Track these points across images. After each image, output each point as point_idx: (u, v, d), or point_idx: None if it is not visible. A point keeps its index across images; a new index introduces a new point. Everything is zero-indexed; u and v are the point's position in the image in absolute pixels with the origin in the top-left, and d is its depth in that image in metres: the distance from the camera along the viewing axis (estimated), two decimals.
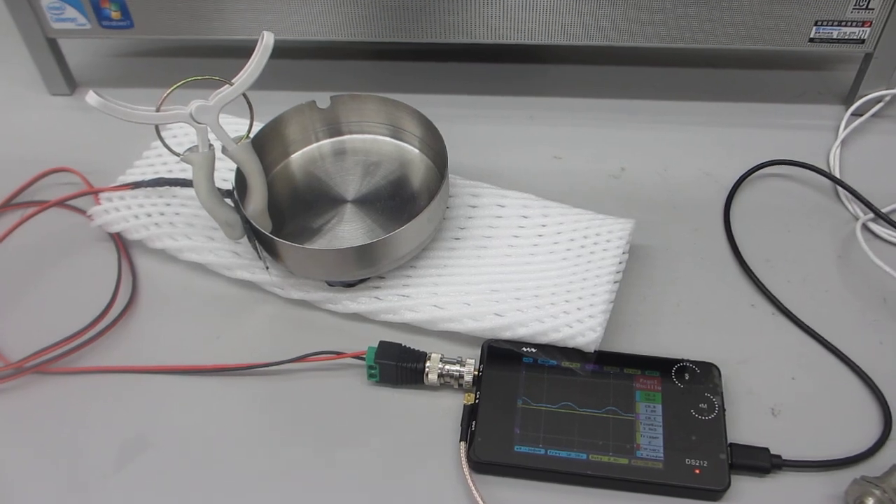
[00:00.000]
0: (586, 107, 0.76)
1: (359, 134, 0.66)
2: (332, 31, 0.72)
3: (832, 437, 0.51)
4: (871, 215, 0.63)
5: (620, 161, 0.70)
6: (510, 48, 0.82)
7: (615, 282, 0.57)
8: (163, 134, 0.56)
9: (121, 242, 0.64)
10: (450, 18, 0.69)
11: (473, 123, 0.74)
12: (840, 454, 0.50)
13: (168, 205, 0.63)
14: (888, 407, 0.53)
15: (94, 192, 0.65)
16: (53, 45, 0.76)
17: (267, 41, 0.54)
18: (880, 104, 0.73)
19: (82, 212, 0.66)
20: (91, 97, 0.51)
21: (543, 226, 0.61)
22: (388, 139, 0.66)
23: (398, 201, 0.61)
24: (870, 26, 0.67)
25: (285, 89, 0.76)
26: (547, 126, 0.74)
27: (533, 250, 0.59)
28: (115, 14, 0.72)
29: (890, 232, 0.63)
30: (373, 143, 0.66)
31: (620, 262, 0.58)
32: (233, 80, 0.54)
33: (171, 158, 0.67)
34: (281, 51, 0.57)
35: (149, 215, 0.63)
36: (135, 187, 0.64)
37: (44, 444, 0.52)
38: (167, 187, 0.64)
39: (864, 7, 0.65)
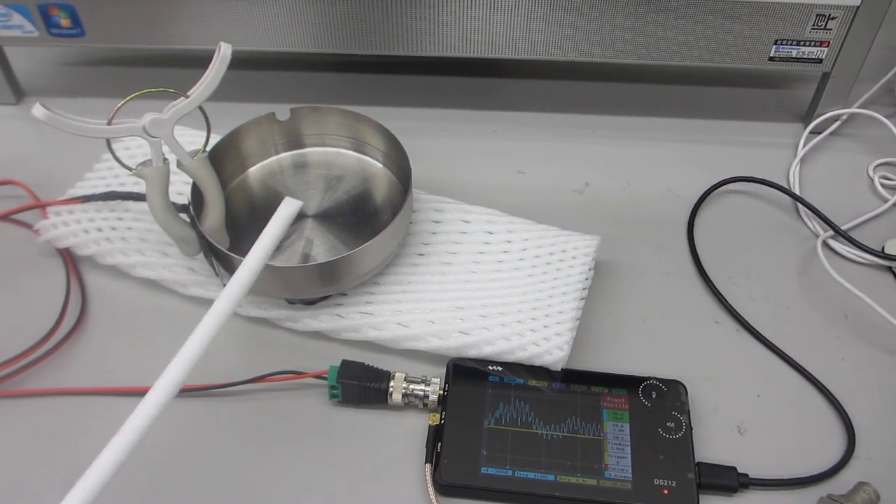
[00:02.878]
0: (550, 122, 0.76)
1: (320, 147, 0.64)
2: (293, 42, 0.70)
3: (798, 455, 0.51)
4: (831, 232, 0.64)
5: (584, 176, 0.70)
6: (474, 62, 0.81)
7: (581, 299, 0.57)
8: (115, 145, 0.54)
9: (69, 258, 0.61)
10: (413, 31, 0.69)
11: (436, 137, 0.74)
12: (806, 472, 0.50)
13: (120, 219, 0.61)
14: (851, 424, 0.53)
15: (42, 206, 0.63)
16: None
17: (224, 52, 0.53)
18: (837, 122, 0.74)
19: (29, 226, 0.63)
20: (38, 110, 0.49)
21: (509, 241, 0.60)
22: (350, 153, 0.64)
23: (360, 216, 0.60)
24: (827, 46, 0.68)
25: (244, 101, 0.74)
26: (511, 141, 0.74)
27: (498, 266, 0.59)
28: (64, 21, 0.70)
29: (850, 249, 0.63)
30: (335, 157, 0.64)
31: (586, 279, 0.58)
32: (188, 93, 0.53)
33: (122, 171, 0.64)
34: (239, 62, 0.55)
35: (99, 230, 0.60)
36: (85, 201, 0.61)
37: None
38: (119, 201, 0.62)
39: (823, 27, 0.66)
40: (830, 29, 0.67)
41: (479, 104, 0.78)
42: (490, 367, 0.54)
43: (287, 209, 0.55)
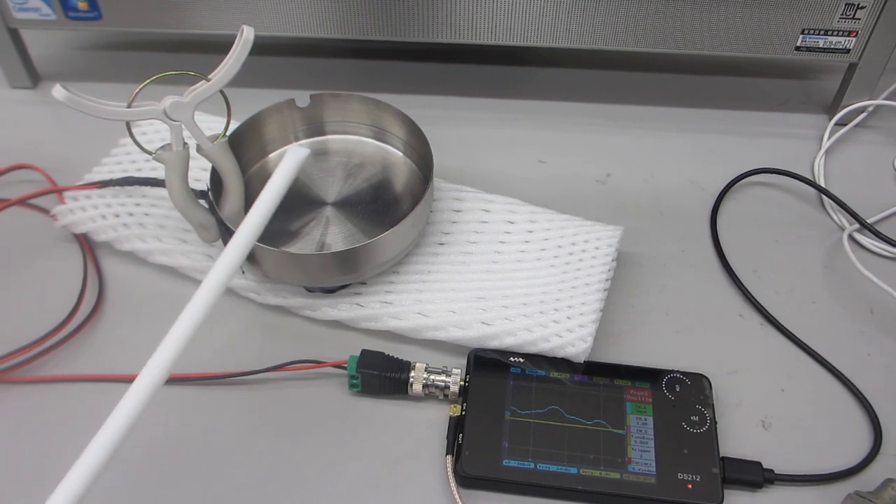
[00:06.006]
0: (571, 111, 0.75)
1: (340, 134, 0.64)
2: (313, 27, 0.69)
3: (823, 450, 0.51)
4: (857, 226, 0.63)
5: (606, 167, 0.69)
6: (494, 50, 0.80)
7: (604, 290, 0.56)
8: (132, 131, 0.53)
9: (86, 244, 0.61)
10: (434, 17, 0.68)
11: (455, 125, 0.73)
12: (831, 467, 0.50)
13: (137, 205, 0.61)
14: (877, 419, 0.52)
15: (59, 191, 0.62)
16: (15, 36, 0.73)
17: (247, 35, 0.52)
18: (863, 114, 0.73)
19: (45, 211, 0.62)
20: (58, 91, 0.48)
21: (530, 231, 0.59)
22: (370, 140, 0.63)
23: (380, 205, 0.59)
24: (856, 36, 0.67)
25: (263, 87, 0.73)
26: (531, 130, 0.73)
27: (520, 256, 0.58)
28: (81, 4, 0.69)
29: (876, 243, 0.62)
30: (355, 145, 0.63)
31: (609, 270, 0.57)
32: (209, 76, 0.52)
33: (140, 156, 0.65)
34: (260, 47, 0.54)
35: (117, 216, 0.60)
36: (102, 186, 0.61)
37: (3, 457, 0.49)
38: (137, 187, 0.61)
39: (851, 17, 0.65)
40: (859, 18, 0.65)
41: (500, 93, 0.77)
42: (512, 359, 0.53)
43: (295, 157, 0.52)
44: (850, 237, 0.63)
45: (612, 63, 0.80)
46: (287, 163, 0.51)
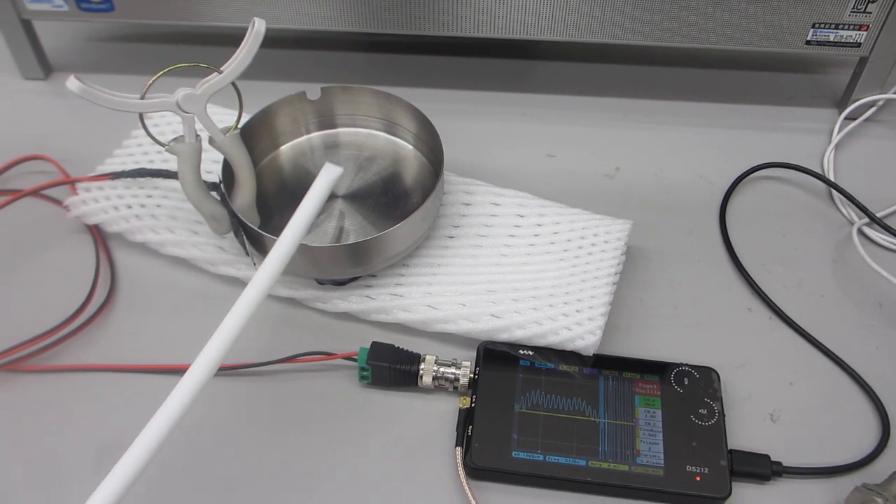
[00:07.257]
0: (580, 105, 0.75)
1: (351, 127, 0.64)
2: (325, 20, 0.69)
3: (831, 443, 0.51)
4: (867, 220, 0.63)
5: (615, 161, 0.69)
6: (504, 43, 0.80)
7: (613, 284, 0.56)
8: (145, 123, 0.53)
9: (99, 235, 0.61)
10: (445, 11, 0.68)
11: (465, 119, 0.73)
12: (839, 460, 0.50)
13: (149, 196, 0.61)
14: (886, 412, 0.52)
15: (71, 182, 0.63)
16: (28, 27, 0.73)
17: (258, 28, 0.52)
18: (873, 108, 0.73)
19: (58, 202, 0.63)
20: (72, 82, 0.48)
21: (539, 225, 0.60)
22: (381, 134, 0.64)
23: (391, 198, 0.59)
24: (866, 30, 0.66)
25: (275, 80, 0.73)
26: (540, 123, 0.73)
27: (529, 250, 0.58)
28: None
29: (885, 237, 0.62)
30: (366, 138, 0.64)
31: (619, 264, 0.57)
32: (221, 68, 0.52)
33: (151, 148, 0.65)
34: (271, 40, 0.54)
35: (129, 207, 0.60)
36: (115, 177, 0.61)
37: (15, 446, 0.50)
38: (149, 178, 0.62)
39: (862, 10, 0.65)
40: (870, 12, 0.65)
41: (510, 86, 0.77)
42: (521, 351, 0.53)
43: (329, 174, 0.53)
44: (860, 231, 0.63)
45: (621, 57, 0.80)
46: (322, 180, 0.52)
